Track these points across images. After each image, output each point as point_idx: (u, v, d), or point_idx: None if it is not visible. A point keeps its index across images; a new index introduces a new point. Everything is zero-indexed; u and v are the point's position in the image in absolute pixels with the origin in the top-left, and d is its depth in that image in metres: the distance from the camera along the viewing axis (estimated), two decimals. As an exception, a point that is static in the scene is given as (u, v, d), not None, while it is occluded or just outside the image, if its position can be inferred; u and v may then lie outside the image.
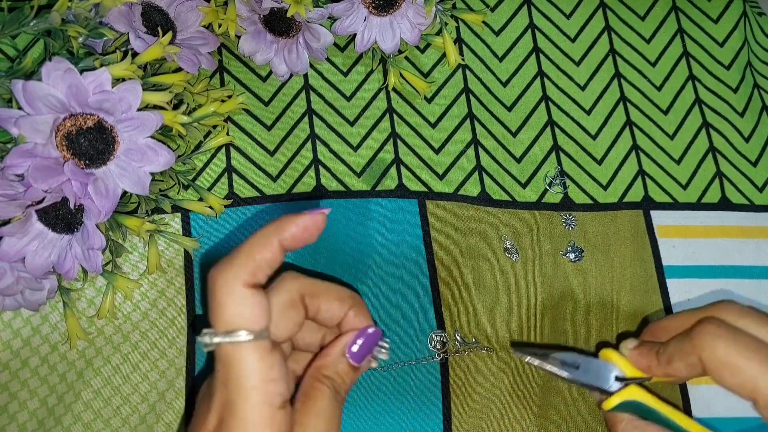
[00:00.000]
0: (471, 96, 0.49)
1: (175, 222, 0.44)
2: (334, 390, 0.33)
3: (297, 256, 0.44)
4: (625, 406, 0.37)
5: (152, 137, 0.37)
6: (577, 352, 0.39)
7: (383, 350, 0.35)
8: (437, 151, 0.48)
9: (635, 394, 0.37)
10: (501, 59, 0.51)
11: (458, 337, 0.43)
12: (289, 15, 0.41)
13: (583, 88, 0.51)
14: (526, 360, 0.39)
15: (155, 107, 0.38)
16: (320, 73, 0.48)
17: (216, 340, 0.29)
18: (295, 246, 0.31)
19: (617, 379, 0.38)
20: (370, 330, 0.34)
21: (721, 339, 0.33)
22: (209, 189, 0.45)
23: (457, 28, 0.51)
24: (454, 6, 0.50)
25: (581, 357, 0.38)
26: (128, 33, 0.40)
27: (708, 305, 0.37)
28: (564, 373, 0.38)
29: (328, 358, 0.34)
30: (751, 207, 0.50)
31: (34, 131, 0.34)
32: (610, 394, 0.38)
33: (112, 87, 0.35)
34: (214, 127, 0.44)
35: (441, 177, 0.47)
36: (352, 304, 0.34)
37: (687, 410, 0.44)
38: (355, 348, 0.34)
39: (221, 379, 0.30)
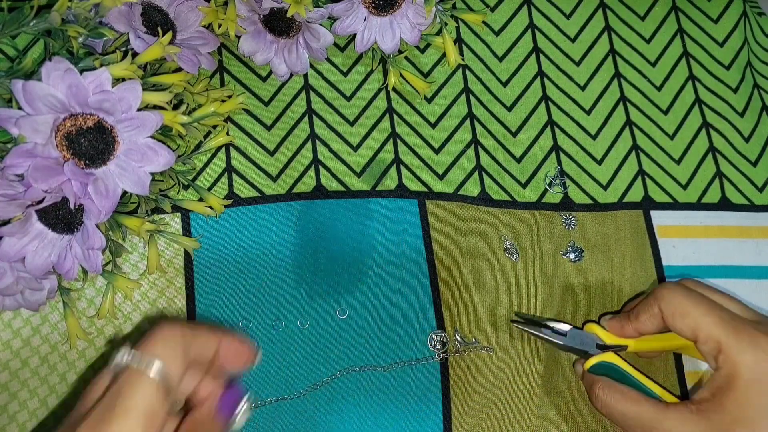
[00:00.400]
0: (471, 96, 0.49)
1: (175, 222, 0.44)
2: None
3: (297, 256, 0.44)
4: (602, 368, 0.41)
5: (152, 137, 0.37)
6: (565, 323, 0.43)
7: (243, 409, 0.34)
8: (437, 151, 0.48)
9: (611, 358, 0.42)
10: (501, 59, 0.51)
11: (458, 337, 0.43)
12: (289, 15, 0.41)
13: (583, 88, 0.51)
14: (522, 328, 0.43)
15: (155, 107, 0.38)
16: (320, 73, 0.48)
17: (131, 358, 0.30)
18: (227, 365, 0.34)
19: (598, 346, 0.42)
20: (235, 389, 0.34)
21: (677, 290, 0.39)
22: (209, 189, 0.45)
23: (457, 28, 0.51)
24: (454, 6, 0.50)
25: (569, 327, 0.43)
26: (128, 33, 0.40)
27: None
28: (555, 340, 0.42)
29: (200, 422, 0.32)
30: (751, 207, 0.50)
31: (34, 131, 0.34)
32: (589, 356, 0.42)
33: (112, 87, 0.35)
34: (214, 127, 0.44)
35: (441, 177, 0.47)
36: (221, 336, 0.33)
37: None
38: (223, 410, 0.33)
39: (108, 399, 0.29)
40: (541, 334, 0.43)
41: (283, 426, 0.41)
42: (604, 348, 0.42)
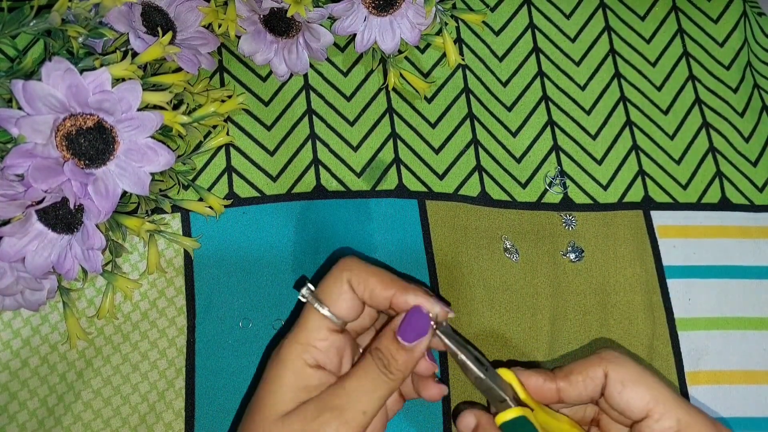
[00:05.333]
0: (471, 96, 0.49)
1: (175, 222, 0.44)
2: (381, 364, 0.33)
3: (297, 256, 0.44)
4: (516, 427, 0.34)
5: (152, 137, 0.37)
6: (484, 358, 0.35)
7: (439, 328, 0.34)
8: (437, 151, 0.48)
9: (531, 416, 0.34)
10: (501, 59, 0.51)
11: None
12: (289, 15, 0.41)
13: (583, 88, 0.51)
14: (446, 341, 0.35)
15: (155, 107, 0.38)
16: (320, 73, 0.48)
17: (309, 298, 0.34)
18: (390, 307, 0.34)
19: (516, 399, 0.35)
20: (418, 310, 0.34)
21: (630, 360, 0.34)
22: (209, 189, 0.45)
23: (457, 28, 0.51)
24: (454, 6, 0.50)
25: (488, 363, 0.35)
26: (128, 33, 0.40)
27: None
28: (478, 370, 0.34)
29: (381, 333, 0.35)
30: (751, 207, 0.50)
31: (34, 131, 0.34)
32: (506, 406, 0.34)
33: (112, 87, 0.35)
34: (214, 127, 0.44)
35: (441, 177, 0.47)
36: (396, 290, 0.34)
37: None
38: (402, 326, 0.34)
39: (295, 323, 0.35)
40: (463, 356, 0.34)
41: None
42: (519, 404, 0.34)
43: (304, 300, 0.35)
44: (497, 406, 0.34)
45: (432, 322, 0.34)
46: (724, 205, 0.49)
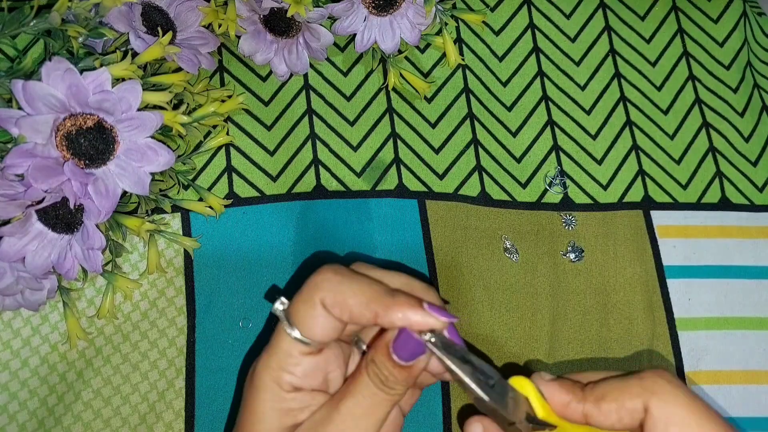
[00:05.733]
0: (471, 96, 0.49)
1: (175, 222, 0.44)
2: (378, 380, 0.30)
3: (297, 256, 0.44)
4: None
5: (152, 137, 0.37)
6: (493, 367, 0.30)
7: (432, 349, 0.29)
8: (437, 151, 0.48)
9: None
10: (501, 59, 0.51)
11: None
12: (289, 15, 0.41)
13: (583, 88, 0.51)
14: (440, 355, 0.29)
15: (155, 107, 0.38)
16: (320, 73, 0.48)
17: (281, 315, 0.31)
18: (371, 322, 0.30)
19: (529, 419, 0.29)
20: (406, 334, 0.29)
21: (681, 390, 0.28)
22: (209, 189, 0.45)
23: (457, 28, 0.51)
24: (454, 6, 0.50)
25: (497, 375, 0.30)
26: (128, 33, 0.40)
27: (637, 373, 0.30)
28: (479, 391, 0.29)
29: (375, 345, 0.30)
30: (751, 207, 0.50)
31: (34, 131, 0.34)
32: (515, 429, 0.29)
33: (112, 87, 0.35)
34: (214, 127, 0.44)
35: (441, 177, 0.47)
36: (379, 310, 0.29)
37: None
38: (396, 344, 0.30)
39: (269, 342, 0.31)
40: (461, 373, 0.29)
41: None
42: (536, 423, 0.29)
43: (277, 315, 0.31)
44: (507, 429, 0.29)
45: (428, 337, 0.29)
46: (724, 205, 0.49)
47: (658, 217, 0.48)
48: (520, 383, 0.30)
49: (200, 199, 0.43)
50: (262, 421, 0.30)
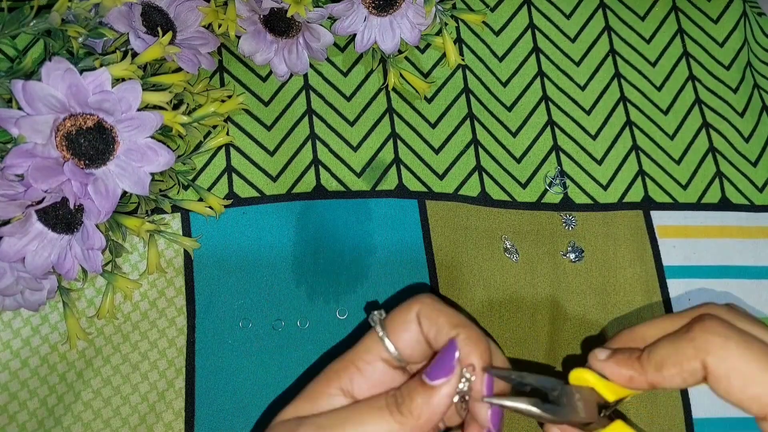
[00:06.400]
0: (471, 96, 0.49)
1: (175, 222, 0.44)
2: (393, 400, 0.29)
3: (297, 256, 0.44)
4: None
5: (152, 137, 0.37)
6: (547, 377, 0.30)
7: (465, 380, 0.29)
8: (437, 151, 0.48)
9: (624, 430, 0.29)
10: (501, 59, 0.51)
11: None
12: (289, 15, 0.41)
13: (583, 88, 0.51)
14: (498, 403, 0.29)
15: (155, 107, 0.38)
16: (320, 73, 0.48)
17: (377, 328, 0.31)
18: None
19: (602, 411, 0.29)
20: (452, 344, 0.29)
21: (733, 341, 0.27)
22: (209, 189, 0.45)
23: (457, 28, 0.51)
24: (454, 6, 0.50)
25: (558, 382, 0.30)
26: (128, 33, 0.40)
27: (692, 308, 0.31)
28: (544, 413, 0.29)
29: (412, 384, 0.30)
30: (751, 207, 0.50)
31: (34, 131, 0.34)
32: (596, 427, 0.30)
33: (112, 87, 0.35)
34: (214, 127, 0.44)
35: (441, 177, 0.47)
36: (462, 332, 0.29)
37: (687, 410, 0.44)
38: (432, 365, 0.29)
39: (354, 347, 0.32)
40: (521, 406, 0.29)
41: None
42: (610, 412, 0.30)
43: (372, 323, 0.31)
44: (586, 429, 0.29)
45: (466, 370, 0.29)
46: (724, 205, 0.49)
47: (658, 217, 0.48)
48: (580, 377, 0.30)
49: (200, 199, 0.43)
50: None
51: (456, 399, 0.29)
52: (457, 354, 0.28)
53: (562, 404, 0.29)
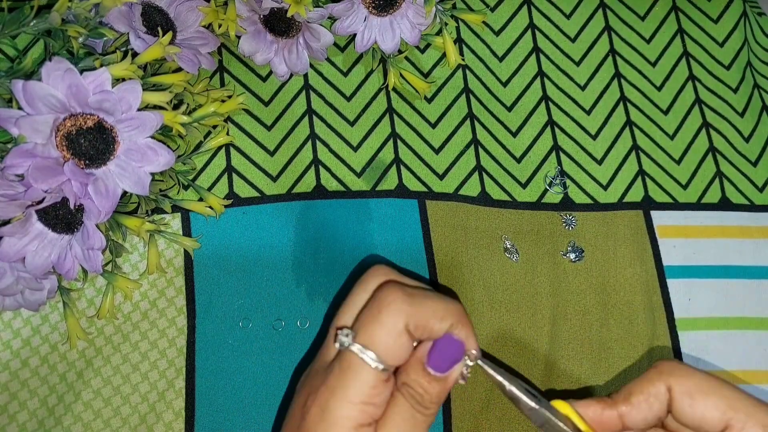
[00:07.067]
0: (471, 96, 0.49)
1: (175, 222, 0.44)
2: (413, 399, 0.30)
3: (297, 256, 0.44)
4: None
5: (152, 137, 0.37)
6: (533, 389, 0.32)
7: (468, 362, 0.31)
8: (437, 151, 0.48)
9: None
10: (501, 59, 0.51)
11: None
12: (289, 15, 0.41)
13: (583, 88, 0.51)
14: (490, 372, 0.32)
15: (155, 107, 0.38)
16: (320, 73, 0.48)
17: (353, 348, 0.30)
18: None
19: None
20: (450, 338, 0.31)
21: (692, 368, 0.30)
22: (209, 189, 0.45)
23: (457, 28, 0.51)
24: (454, 6, 0.50)
25: (539, 392, 0.32)
26: (128, 33, 0.40)
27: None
28: (529, 401, 0.31)
29: (408, 365, 0.31)
30: (751, 207, 0.50)
31: (34, 131, 0.34)
32: None
33: (112, 87, 0.35)
34: (214, 127, 0.44)
35: (441, 177, 0.47)
36: (453, 321, 0.31)
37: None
38: (433, 356, 0.31)
39: (331, 372, 0.31)
40: (513, 387, 0.31)
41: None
42: None
43: (353, 351, 0.30)
44: None
45: (476, 353, 0.31)
46: (724, 205, 0.49)
47: (658, 217, 0.48)
48: (558, 405, 0.31)
49: (200, 199, 0.43)
50: None
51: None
52: (459, 344, 0.30)
53: (546, 406, 0.31)
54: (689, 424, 0.30)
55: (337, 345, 0.31)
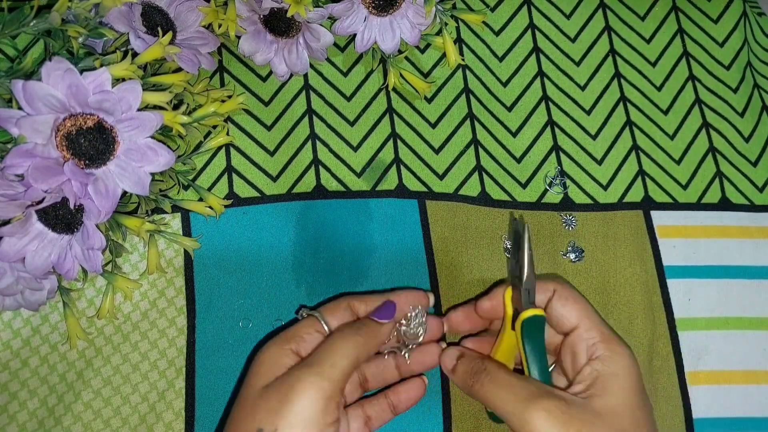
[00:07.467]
0: (471, 96, 0.49)
1: (175, 222, 0.44)
2: (356, 329, 0.37)
3: (297, 256, 0.44)
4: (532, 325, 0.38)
5: (152, 137, 0.37)
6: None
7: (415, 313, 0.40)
8: (437, 151, 0.48)
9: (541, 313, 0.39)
10: (501, 59, 0.51)
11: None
12: (289, 15, 0.41)
13: (583, 88, 0.51)
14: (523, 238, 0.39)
15: (155, 107, 0.38)
16: (320, 73, 0.48)
17: (316, 315, 0.39)
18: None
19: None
20: (389, 303, 0.39)
21: (577, 291, 0.40)
22: (209, 189, 0.45)
23: (457, 28, 0.51)
24: (454, 6, 0.50)
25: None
26: (128, 33, 0.40)
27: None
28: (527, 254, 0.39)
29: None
30: (751, 207, 0.50)
31: (34, 131, 0.34)
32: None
33: (112, 87, 0.35)
34: (214, 127, 0.44)
35: (441, 177, 0.47)
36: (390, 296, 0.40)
37: (687, 410, 0.44)
38: (376, 312, 0.39)
39: (277, 405, 0.34)
40: (527, 255, 0.39)
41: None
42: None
43: (304, 316, 0.38)
44: (521, 306, 0.38)
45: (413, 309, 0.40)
46: (724, 205, 0.49)
47: (658, 217, 0.48)
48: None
49: (200, 199, 0.43)
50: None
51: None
52: (394, 305, 0.39)
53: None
54: (555, 317, 0.39)
55: (299, 316, 0.39)
